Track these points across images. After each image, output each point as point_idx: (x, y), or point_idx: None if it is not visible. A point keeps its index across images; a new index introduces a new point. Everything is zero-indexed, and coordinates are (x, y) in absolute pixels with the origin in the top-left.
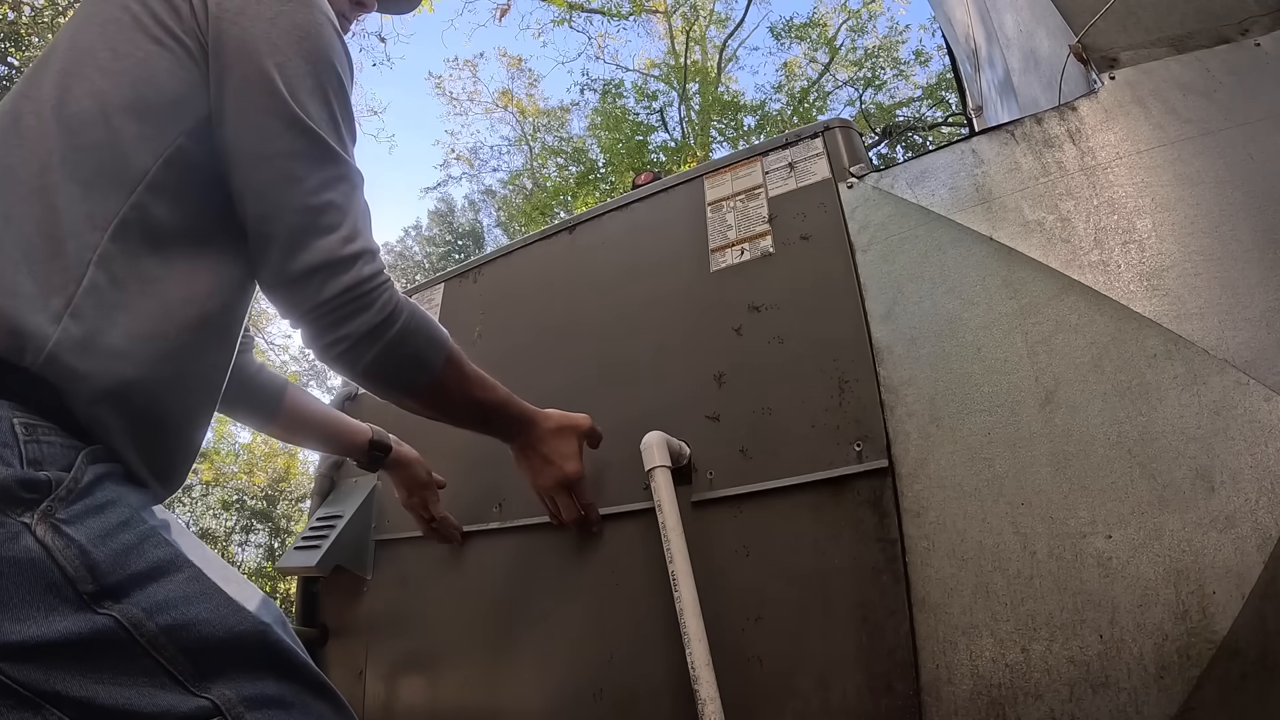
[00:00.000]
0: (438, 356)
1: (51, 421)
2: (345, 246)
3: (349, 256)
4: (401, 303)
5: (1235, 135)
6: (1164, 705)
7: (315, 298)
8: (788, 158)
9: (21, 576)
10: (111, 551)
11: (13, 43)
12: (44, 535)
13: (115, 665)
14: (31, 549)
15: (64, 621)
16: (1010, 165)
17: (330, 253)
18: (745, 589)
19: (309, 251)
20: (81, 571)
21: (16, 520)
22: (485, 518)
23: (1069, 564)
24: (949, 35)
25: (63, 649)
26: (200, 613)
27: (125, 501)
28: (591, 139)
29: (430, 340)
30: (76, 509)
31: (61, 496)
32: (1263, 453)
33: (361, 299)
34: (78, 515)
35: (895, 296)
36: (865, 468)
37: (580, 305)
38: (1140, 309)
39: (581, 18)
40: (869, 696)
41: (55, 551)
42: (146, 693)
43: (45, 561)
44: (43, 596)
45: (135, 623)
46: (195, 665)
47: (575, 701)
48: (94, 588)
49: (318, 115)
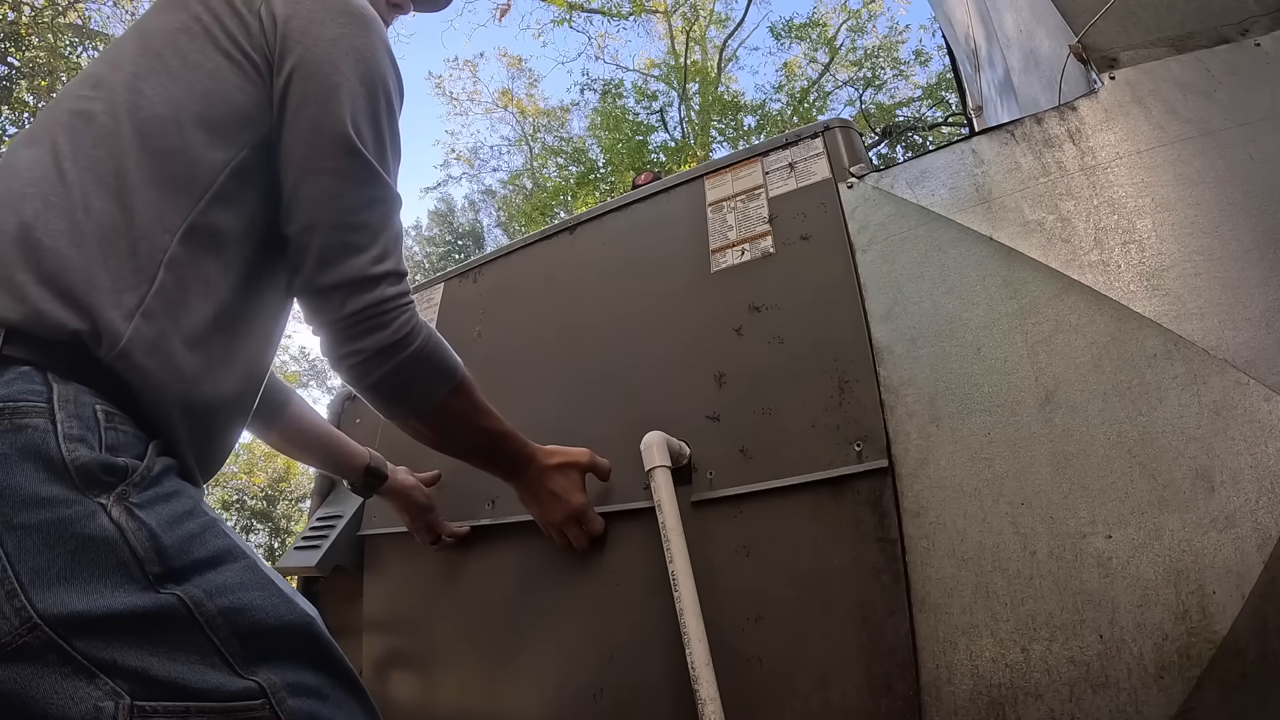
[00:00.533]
0: (445, 385)
1: (124, 411)
2: (373, 266)
3: (375, 276)
4: (419, 327)
5: (1235, 135)
6: (1164, 705)
7: (338, 311)
8: (788, 158)
9: (94, 553)
10: (178, 537)
11: (13, 43)
12: (119, 516)
13: (172, 641)
14: (106, 528)
15: (129, 597)
16: (1010, 165)
17: (358, 271)
18: (745, 589)
19: (340, 267)
20: (150, 553)
21: (94, 500)
22: (477, 514)
23: (1069, 564)
24: (949, 35)
25: (125, 622)
26: (255, 600)
27: (188, 493)
28: (591, 139)
29: (440, 368)
30: (148, 495)
31: (135, 482)
32: (1263, 453)
33: (380, 317)
34: (149, 501)
35: (895, 296)
36: (865, 468)
37: (580, 305)
38: (1140, 309)
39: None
40: (869, 696)
41: (128, 532)
42: (198, 670)
43: (118, 540)
44: (112, 573)
45: (196, 602)
46: (245, 649)
47: (575, 701)
48: (160, 569)
49: (367, 137)
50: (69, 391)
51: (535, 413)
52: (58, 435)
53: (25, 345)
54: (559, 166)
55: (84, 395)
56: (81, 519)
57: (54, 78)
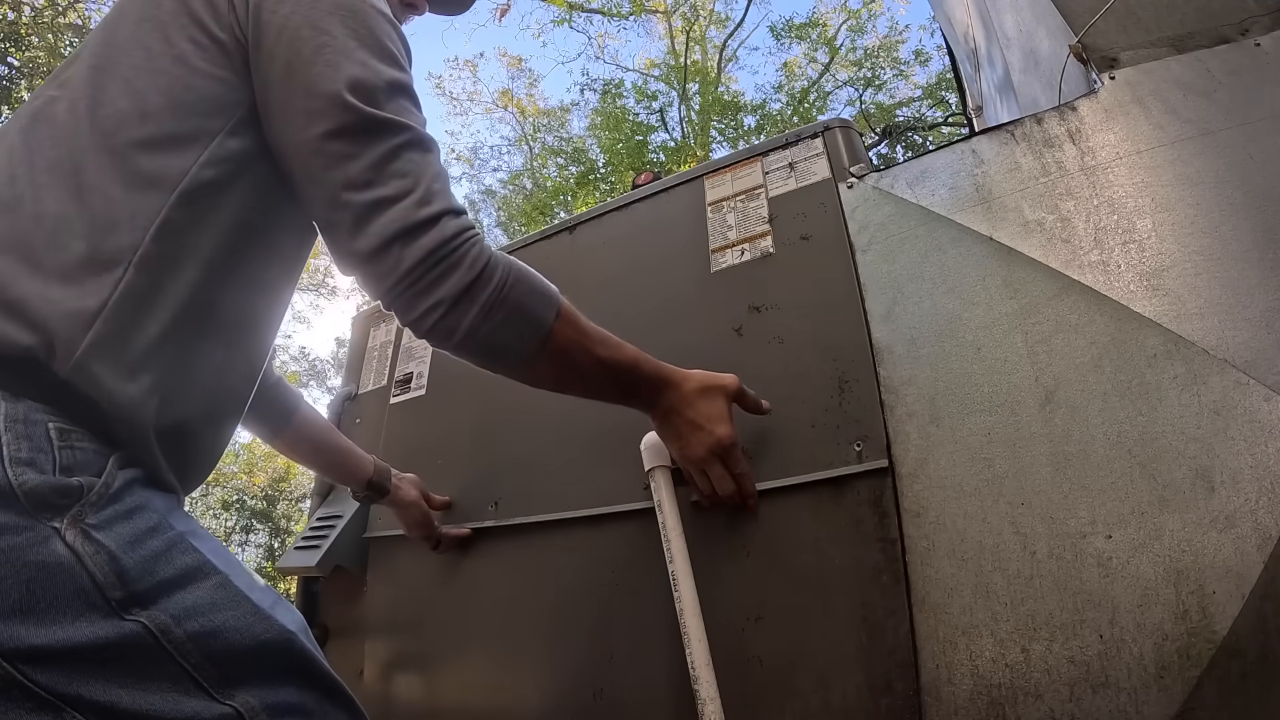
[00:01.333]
0: (547, 311)
1: (83, 427)
2: (419, 210)
3: (426, 219)
4: (496, 256)
5: (1235, 135)
6: (1164, 705)
7: (396, 269)
8: (788, 158)
9: (49, 581)
10: (140, 558)
11: (13, 43)
12: (74, 540)
13: (140, 671)
14: (61, 554)
15: (91, 627)
16: (1010, 165)
17: (404, 219)
18: (745, 589)
19: (380, 222)
20: (110, 578)
21: (47, 525)
22: (481, 516)
23: (1069, 564)
24: (949, 35)
25: (88, 653)
26: (228, 620)
27: (153, 506)
28: (591, 139)
29: (535, 293)
30: (106, 514)
31: (92, 502)
32: (1263, 453)
33: (448, 259)
34: (107, 521)
35: (895, 296)
36: (865, 468)
37: (580, 305)
38: (1140, 309)
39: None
40: (869, 696)
41: (85, 557)
42: (171, 698)
43: (75, 566)
44: (70, 602)
45: (163, 629)
46: (221, 672)
47: (575, 701)
48: (122, 594)
49: (367, 88)
50: (19, 411)
51: (534, 412)
52: (4, 459)
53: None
54: (559, 166)
55: (36, 414)
56: (34, 545)
57: None
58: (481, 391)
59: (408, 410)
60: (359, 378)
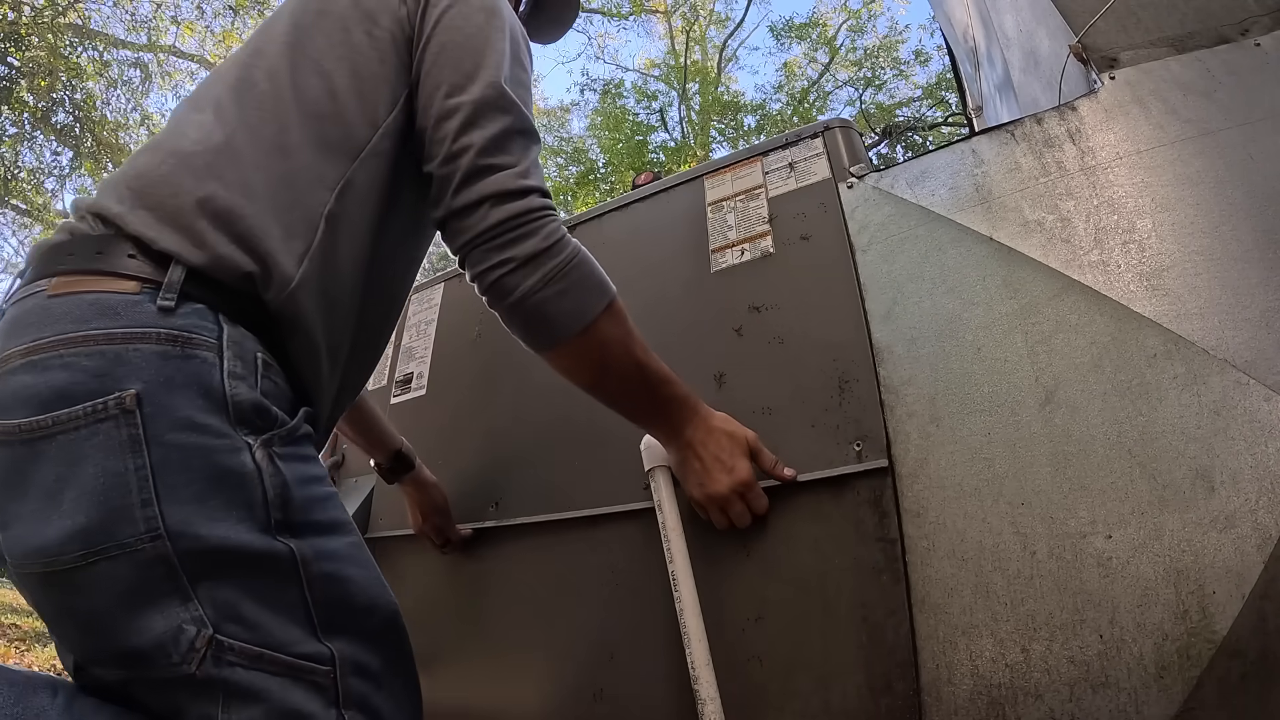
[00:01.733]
0: (600, 298)
1: (278, 363)
2: (518, 180)
3: (520, 189)
4: (568, 237)
5: (1235, 135)
6: (1164, 705)
7: (482, 223)
8: (788, 158)
9: (230, 485)
10: (304, 496)
11: (13, 43)
12: (260, 459)
13: (270, 589)
14: (247, 465)
15: (249, 534)
16: (1010, 165)
17: (502, 185)
18: (745, 589)
19: (483, 183)
20: (278, 500)
21: (242, 438)
22: (482, 517)
23: (1069, 564)
24: (949, 35)
25: (236, 556)
26: (354, 574)
27: (320, 463)
28: (591, 139)
29: (595, 279)
30: (289, 450)
31: (282, 435)
32: (1263, 453)
33: (527, 225)
34: (289, 456)
35: (895, 296)
36: (865, 467)
37: None
38: (1140, 309)
39: (582, 18)
40: (869, 696)
41: (266, 475)
42: (283, 622)
43: (254, 480)
44: (239, 509)
45: (304, 560)
46: (331, 616)
47: (575, 701)
48: (282, 517)
49: (505, 75)
50: (237, 334)
51: (534, 412)
52: (223, 370)
53: (203, 286)
54: (559, 166)
55: (248, 340)
56: (227, 451)
57: (54, 78)
58: (482, 392)
59: (408, 411)
60: None
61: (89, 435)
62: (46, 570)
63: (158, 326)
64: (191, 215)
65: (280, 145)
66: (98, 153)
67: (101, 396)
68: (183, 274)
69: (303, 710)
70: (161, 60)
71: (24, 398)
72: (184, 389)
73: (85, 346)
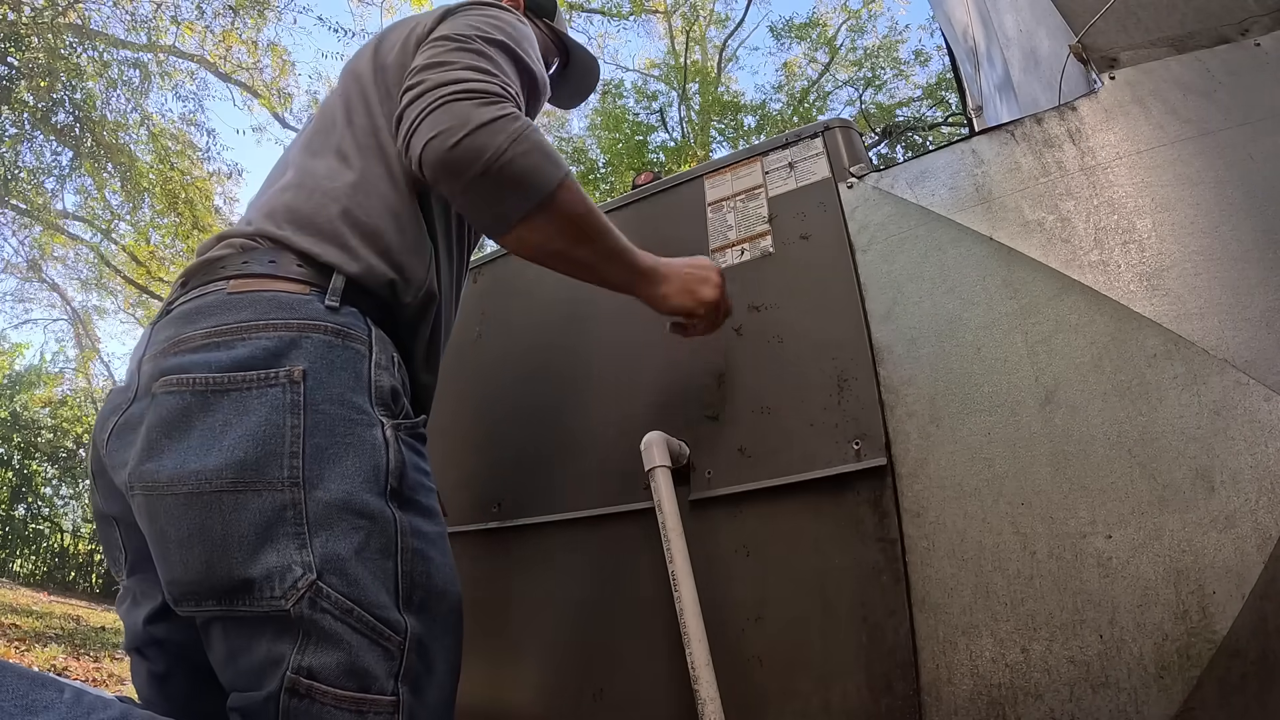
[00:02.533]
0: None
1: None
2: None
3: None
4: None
5: (1235, 135)
6: (1164, 705)
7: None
8: (788, 158)
9: (362, 452)
10: (414, 479)
11: (13, 43)
12: (390, 436)
13: (373, 549)
14: (379, 439)
15: (368, 495)
16: (1010, 165)
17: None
18: (745, 589)
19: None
20: (396, 472)
21: (378, 416)
22: (485, 518)
23: (1069, 564)
24: (949, 35)
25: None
26: (437, 557)
27: (426, 456)
28: (591, 139)
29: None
30: (410, 440)
31: (408, 426)
32: (1263, 453)
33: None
34: (409, 444)
35: (895, 296)
36: (864, 466)
37: (581, 304)
38: (1140, 309)
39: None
40: (869, 696)
41: (391, 450)
42: (376, 585)
43: (381, 451)
44: (366, 473)
45: (404, 530)
46: (411, 591)
47: (575, 701)
48: (396, 486)
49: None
50: (380, 335)
51: (535, 413)
52: (371, 361)
53: (356, 293)
54: None
55: (388, 342)
56: (366, 425)
57: (54, 78)
58: (484, 393)
59: None
60: None
61: (260, 395)
62: (197, 490)
63: (325, 320)
64: (345, 235)
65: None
66: (97, 153)
67: (275, 368)
68: (344, 281)
69: (371, 671)
70: (161, 60)
71: (206, 364)
72: (341, 371)
73: (266, 331)
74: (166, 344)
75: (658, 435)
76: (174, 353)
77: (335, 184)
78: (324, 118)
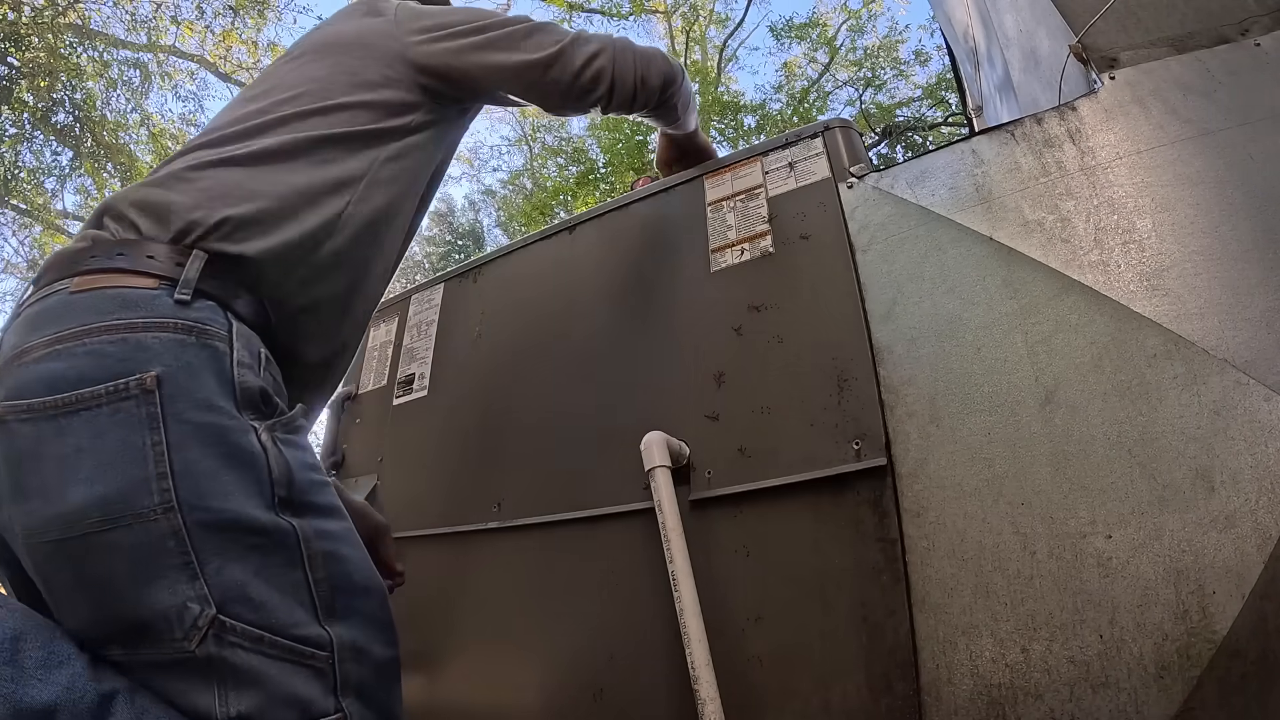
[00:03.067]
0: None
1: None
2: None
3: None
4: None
5: (1235, 135)
6: (1164, 705)
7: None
8: (788, 158)
9: (239, 463)
10: (305, 479)
11: (13, 43)
12: (266, 441)
13: (275, 567)
14: (254, 446)
15: (256, 510)
16: (1010, 165)
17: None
18: (745, 589)
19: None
20: (282, 480)
21: (249, 421)
22: (484, 518)
23: (1069, 564)
24: (949, 35)
25: (245, 531)
26: (351, 554)
27: (315, 452)
28: (591, 139)
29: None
30: (291, 437)
31: (284, 422)
32: (1263, 453)
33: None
34: (290, 442)
35: (895, 296)
36: (864, 466)
37: (580, 305)
38: (1140, 309)
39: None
40: (869, 696)
41: (271, 456)
42: (287, 603)
43: (261, 459)
44: (248, 486)
45: (306, 537)
46: (332, 597)
47: (575, 701)
48: (286, 495)
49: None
50: (244, 330)
51: (535, 413)
52: (233, 359)
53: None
54: (559, 166)
55: (254, 337)
56: (237, 431)
57: (54, 78)
58: (484, 393)
59: (410, 411)
60: (358, 378)
61: (111, 412)
62: (64, 537)
63: (175, 317)
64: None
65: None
66: (97, 153)
67: (124, 378)
68: (198, 271)
69: (303, 695)
70: (161, 60)
71: (49, 380)
72: (200, 373)
73: (109, 335)
74: (10, 355)
75: (658, 435)
76: (17, 366)
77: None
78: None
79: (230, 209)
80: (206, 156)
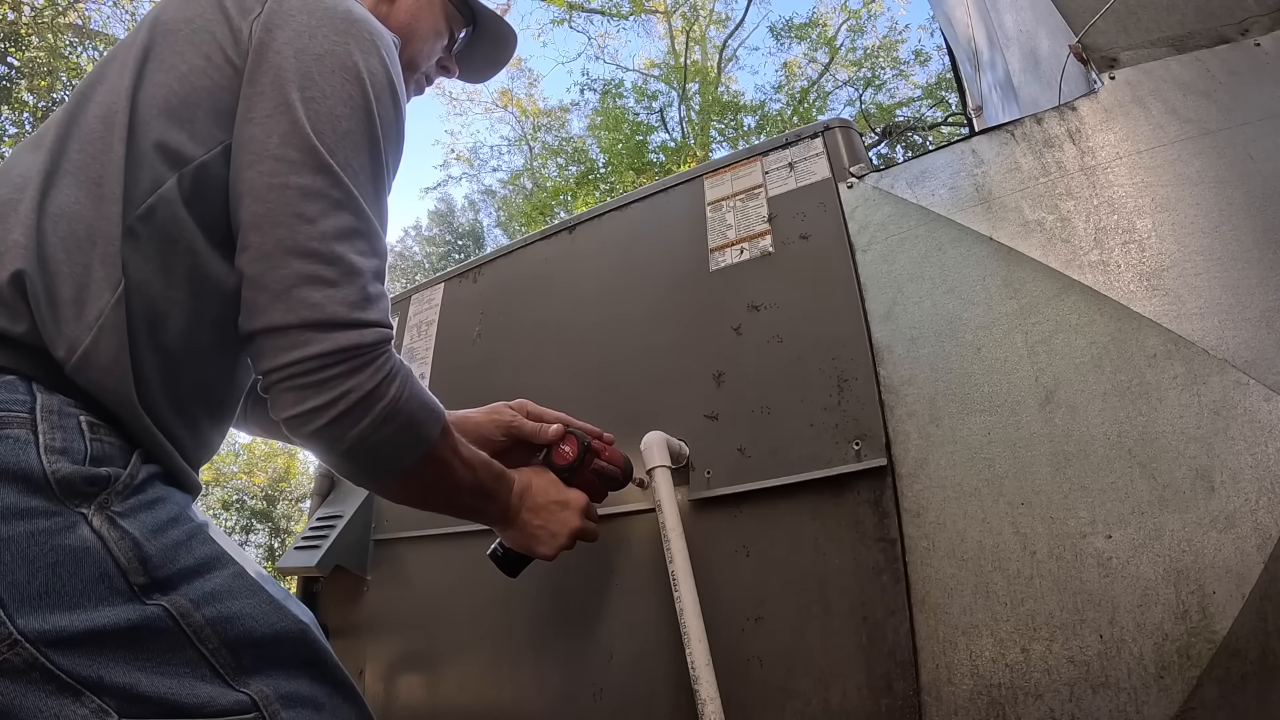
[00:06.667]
0: (434, 427)
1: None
2: (351, 312)
3: (354, 321)
4: (398, 363)
5: (1235, 135)
6: (1164, 705)
7: (304, 351)
8: (788, 157)
9: (76, 565)
10: (162, 545)
11: (13, 43)
12: (100, 526)
13: (159, 654)
14: (87, 539)
15: (114, 610)
16: (1010, 165)
17: (328, 311)
18: (745, 589)
19: (306, 305)
20: (134, 563)
21: (74, 511)
22: None
23: (1069, 564)
24: (949, 35)
25: (110, 637)
26: (244, 608)
27: (174, 499)
28: (591, 139)
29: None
30: (130, 504)
31: (118, 491)
32: (1263, 453)
33: (359, 359)
34: (131, 509)
35: (895, 296)
36: (864, 466)
37: (580, 305)
38: (1140, 309)
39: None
40: (869, 696)
41: (110, 542)
42: (188, 683)
43: (100, 551)
44: (95, 586)
45: (183, 613)
46: (237, 659)
47: (575, 701)
48: (145, 579)
49: (345, 159)
50: (53, 402)
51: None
52: (39, 446)
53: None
54: (559, 166)
55: (69, 407)
56: (62, 530)
57: (54, 78)
58: (484, 393)
59: None
60: None
61: None
62: None
63: None
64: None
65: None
66: None
67: None
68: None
69: None
70: None
71: None
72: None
73: None
74: None
75: (658, 435)
76: None
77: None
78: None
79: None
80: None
